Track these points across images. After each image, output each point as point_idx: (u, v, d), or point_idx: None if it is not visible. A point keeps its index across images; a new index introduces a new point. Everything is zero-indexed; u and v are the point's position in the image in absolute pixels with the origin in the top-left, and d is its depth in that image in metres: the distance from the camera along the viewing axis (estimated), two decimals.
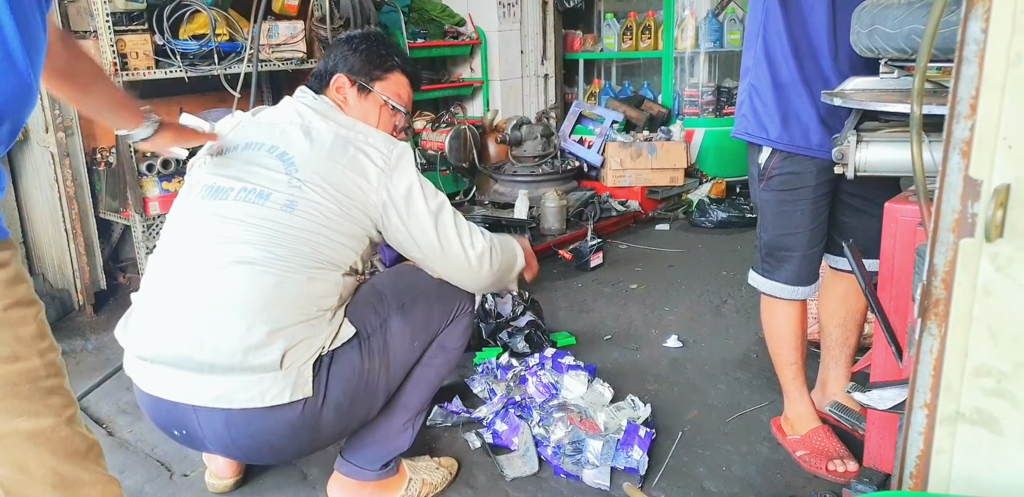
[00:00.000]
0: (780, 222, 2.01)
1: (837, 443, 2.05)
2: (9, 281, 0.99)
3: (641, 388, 2.53)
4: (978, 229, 0.76)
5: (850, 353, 2.20)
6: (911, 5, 1.56)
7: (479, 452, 2.17)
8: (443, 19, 4.82)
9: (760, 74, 1.93)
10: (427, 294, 1.83)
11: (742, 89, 2.02)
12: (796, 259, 2.02)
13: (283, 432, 1.65)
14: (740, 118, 2.02)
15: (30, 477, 1.06)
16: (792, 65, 1.89)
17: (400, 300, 1.79)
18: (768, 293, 2.10)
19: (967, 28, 0.77)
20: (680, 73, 5.31)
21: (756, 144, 2.00)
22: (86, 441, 1.12)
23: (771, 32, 1.89)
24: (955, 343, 0.80)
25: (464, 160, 4.64)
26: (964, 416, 0.81)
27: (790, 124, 1.91)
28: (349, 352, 1.68)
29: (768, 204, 2.02)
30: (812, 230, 2.00)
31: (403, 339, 1.77)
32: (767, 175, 1.99)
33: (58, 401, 1.07)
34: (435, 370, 1.88)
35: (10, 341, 0.99)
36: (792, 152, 1.93)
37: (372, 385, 1.73)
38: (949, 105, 0.79)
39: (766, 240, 2.06)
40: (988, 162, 0.76)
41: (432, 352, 1.86)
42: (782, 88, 1.91)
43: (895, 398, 1.33)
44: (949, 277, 0.80)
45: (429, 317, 1.82)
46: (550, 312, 3.20)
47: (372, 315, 1.75)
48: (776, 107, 1.92)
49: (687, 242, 4.27)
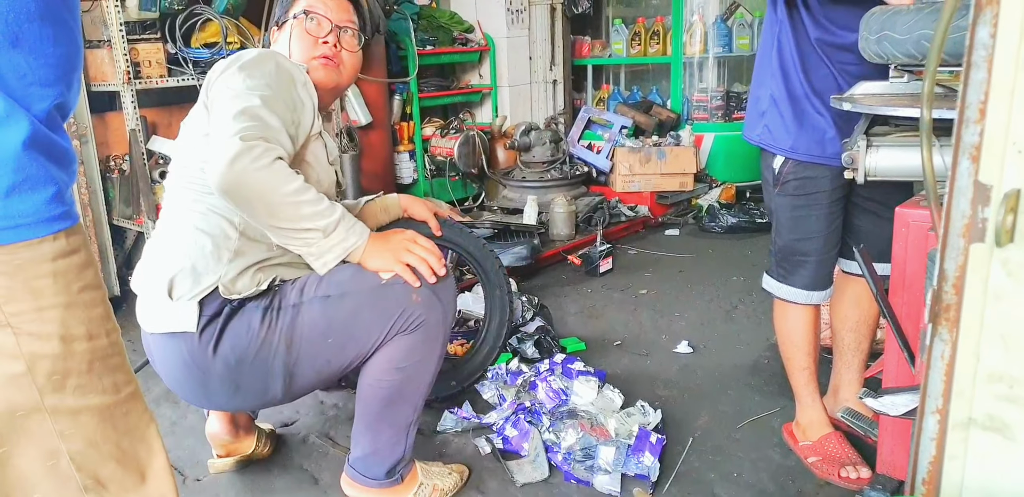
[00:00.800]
0: (795, 227, 2.00)
1: (849, 449, 2.04)
2: (81, 266, 1.05)
3: (651, 394, 2.53)
4: (988, 234, 0.76)
5: (863, 358, 2.19)
6: (920, 11, 1.56)
7: (489, 458, 2.17)
8: (452, 26, 4.84)
9: (777, 85, 1.95)
10: (359, 294, 1.72)
11: (760, 96, 2.02)
12: (811, 264, 2.02)
13: (176, 364, 1.73)
14: (760, 127, 2.02)
15: (99, 452, 1.10)
16: (801, 77, 1.91)
17: (328, 291, 1.73)
18: (783, 298, 2.09)
19: (975, 33, 0.77)
20: (689, 78, 5.32)
21: (771, 152, 2.00)
22: (145, 415, 1.17)
23: (784, 44, 1.92)
24: (967, 349, 0.80)
25: (473, 166, 4.65)
26: (976, 422, 0.81)
27: (805, 135, 1.92)
28: (252, 313, 1.71)
29: (783, 209, 2.02)
30: (827, 235, 1.99)
31: (314, 329, 1.72)
32: (781, 180, 1.99)
33: (122, 378, 1.12)
34: (399, 386, 1.80)
35: (84, 321, 1.05)
36: (807, 161, 1.93)
37: (264, 357, 1.71)
38: (958, 110, 0.79)
39: (781, 245, 2.05)
40: (998, 167, 0.76)
41: (384, 371, 1.78)
42: (796, 100, 1.93)
43: (907, 404, 1.32)
44: (960, 282, 0.80)
45: (354, 319, 1.72)
46: (560, 318, 3.20)
47: (294, 292, 1.74)
48: (793, 117, 1.93)
49: (697, 247, 4.27)
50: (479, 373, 2.55)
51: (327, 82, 1.90)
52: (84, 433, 1.07)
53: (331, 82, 1.91)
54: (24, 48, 0.95)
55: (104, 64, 3.21)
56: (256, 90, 1.67)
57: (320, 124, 1.87)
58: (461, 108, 5.21)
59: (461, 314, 2.99)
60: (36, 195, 0.96)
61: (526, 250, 3.61)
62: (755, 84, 2.06)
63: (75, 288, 1.03)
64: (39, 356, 1.00)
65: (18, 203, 0.95)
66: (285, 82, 1.75)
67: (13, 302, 0.97)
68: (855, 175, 1.69)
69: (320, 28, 1.90)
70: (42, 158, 0.97)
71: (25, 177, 0.95)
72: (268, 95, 1.68)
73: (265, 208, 1.60)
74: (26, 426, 1.03)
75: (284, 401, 1.86)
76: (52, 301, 1.00)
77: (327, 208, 1.66)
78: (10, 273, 0.96)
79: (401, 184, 4.55)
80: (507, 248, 3.58)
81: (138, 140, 3.23)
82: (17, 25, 0.94)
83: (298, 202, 1.61)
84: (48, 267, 0.99)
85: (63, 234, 1.00)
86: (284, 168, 1.61)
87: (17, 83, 0.95)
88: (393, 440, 1.87)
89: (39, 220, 0.97)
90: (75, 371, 1.04)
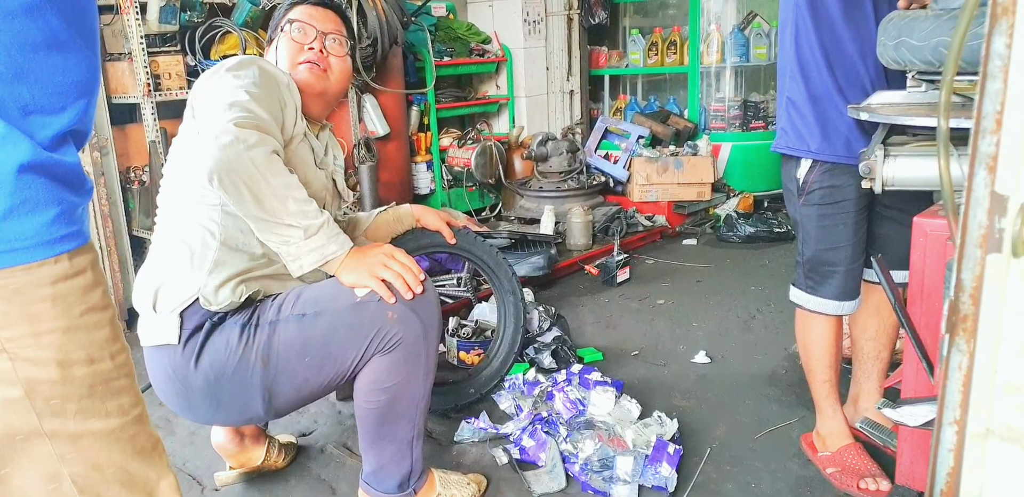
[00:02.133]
0: (823, 237, 1.98)
1: (869, 460, 2.03)
2: (86, 288, 1.03)
3: (668, 404, 2.52)
4: (1005, 244, 0.76)
5: (882, 367, 2.17)
6: (938, 17, 1.55)
7: (506, 468, 2.16)
8: (469, 37, 4.87)
9: (796, 87, 1.93)
10: (335, 313, 1.71)
11: (780, 103, 2.01)
12: (840, 274, 1.99)
13: (163, 377, 1.74)
14: (779, 132, 2.01)
15: (102, 475, 1.09)
16: (826, 75, 1.88)
17: (304, 309, 1.72)
18: (814, 310, 2.05)
19: (991, 43, 0.77)
20: (706, 88, 5.32)
21: (794, 158, 1.98)
22: (151, 438, 1.16)
23: (803, 45, 1.89)
24: (984, 359, 0.80)
25: (490, 176, 4.67)
26: (995, 433, 0.80)
27: (830, 135, 1.90)
28: (231, 329, 1.71)
29: (809, 219, 1.99)
30: (855, 243, 1.97)
31: (290, 348, 1.71)
32: (807, 189, 1.96)
33: (127, 400, 1.11)
34: (390, 405, 1.79)
35: (85, 345, 1.03)
36: (835, 162, 1.90)
37: (242, 374, 1.71)
38: (974, 120, 0.79)
39: (809, 256, 2.03)
40: (1014, 177, 0.75)
41: (370, 392, 1.77)
42: (818, 100, 1.90)
43: (926, 414, 1.31)
44: (977, 292, 0.80)
45: (330, 337, 1.71)
46: (577, 327, 3.20)
47: (272, 309, 1.74)
48: (815, 119, 1.91)
49: (715, 257, 4.25)
50: (496, 381, 2.55)
51: (314, 85, 1.91)
52: (86, 457, 1.06)
53: (318, 86, 1.92)
54: (29, 80, 0.93)
55: (124, 76, 3.26)
56: (243, 87, 1.69)
57: (304, 126, 1.88)
58: (478, 119, 5.24)
59: (478, 324, 2.99)
60: (36, 217, 0.94)
61: (543, 260, 3.61)
62: (778, 92, 2.05)
63: (76, 311, 1.01)
64: (36, 381, 0.99)
65: (15, 226, 0.93)
66: (269, 82, 1.77)
67: (9, 327, 0.96)
68: (872, 184, 1.69)
69: (305, 35, 1.93)
70: (44, 180, 0.95)
71: (23, 200, 0.93)
72: (255, 92, 1.70)
73: (253, 196, 1.59)
74: (26, 449, 1.01)
75: (268, 418, 1.85)
76: (50, 326, 0.98)
77: (313, 211, 1.67)
78: (6, 297, 0.95)
79: (418, 194, 4.57)
80: (524, 258, 3.59)
81: (158, 152, 3.27)
82: (21, 57, 0.92)
83: (286, 196, 1.62)
84: (47, 291, 0.97)
85: (66, 256, 0.98)
86: (279, 161, 1.64)
87: (18, 113, 0.93)
88: (398, 456, 1.87)
89: (38, 243, 0.95)
90: (75, 396, 1.02)
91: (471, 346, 2.83)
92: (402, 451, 1.87)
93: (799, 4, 1.87)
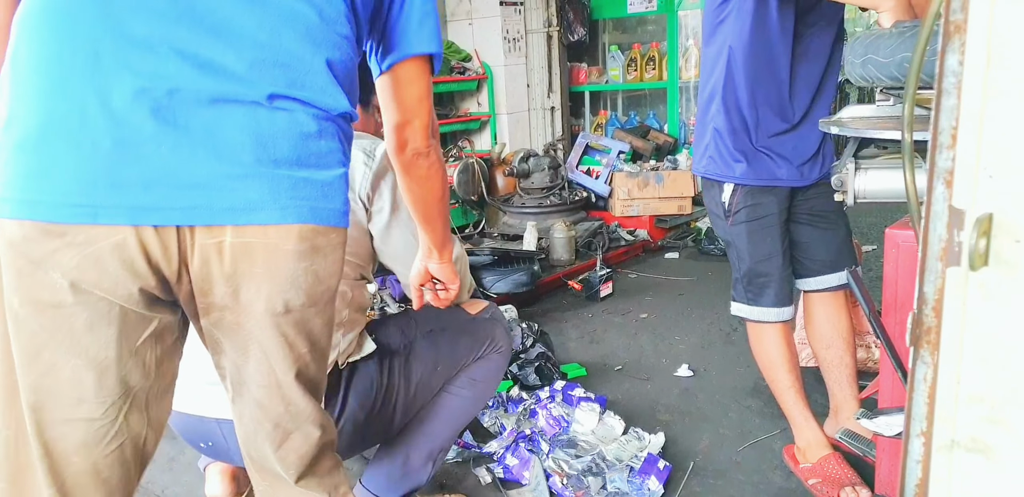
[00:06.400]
0: (754, 250, 2.09)
1: (849, 470, 2.04)
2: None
3: (652, 418, 2.52)
4: (964, 257, 0.77)
5: (849, 373, 2.21)
6: (902, 34, 1.58)
7: (490, 487, 2.16)
8: (449, 55, 4.90)
9: (721, 120, 2.04)
10: (457, 326, 1.89)
11: (705, 132, 2.12)
12: (775, 282, 2.10)
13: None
14: (705, 159, 2.12)
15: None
16: (748, 112, 2.01)
17: (429, 326, 1.86)
18: (757, 319, 2.16)
19: (945, 61, 0.79)
20: (685, 102, 5.36)
21: (717, 182, 2.10)
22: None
23: (731, 84, 2.01)
24: (948, 371, 0.81)
25: (473, 193, 4.68)
26: (960, 444, 0.81)
27: (752, 162, 2.03)
28: (368, 367, 1.73)
29: (739, 237, 2.11)
30: (783, 252, 2.10)
31: (426, 362, 1.81)
32: (733, 210, 2.09)
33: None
34: (462, 402, 1.88)
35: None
36: (755, 185, 2.04)
37: (388, 402, 1.76)
38: (931, 136, 0.81)
39: (745, 270, 2.13)
40: (970, 192, 0.77)
41: (461, 382, 1.87)
42: (738, 133, 2.03)
43: (902, 424, 1.32)
44: (939, 305, 0.81)
45: (455, 346, 1.86)
46: (560, 343, 3.20)
47: (398, 335, 1.82)
48: (737, 148, 2.03)
49: (696, 270, 4.27)
50: None
51: None
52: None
53: None
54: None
55: None
56: None
57: None
58: (460, 136, 5.26)
59: None
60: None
61: (526, 276, 3.61)
62: (699, 119, 2.18)
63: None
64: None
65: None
66: None
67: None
68: (845, 197, 1.71)
69: (376, 113, 1.97)
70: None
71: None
72: None
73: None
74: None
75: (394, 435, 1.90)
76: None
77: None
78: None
79: None
80: (507, 274, 3.59)
81: None
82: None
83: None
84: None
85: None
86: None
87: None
88: (424, 460, 1.87)
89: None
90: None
91: None
92: (431, 456, 1.88)
93: (732, 49, 1.99)
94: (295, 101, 1.10)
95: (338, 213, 1.16)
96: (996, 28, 0.72)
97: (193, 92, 1.04)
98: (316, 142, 1.12)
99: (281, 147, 1.08)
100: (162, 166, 1.03)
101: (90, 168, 1.01)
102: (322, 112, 1.13)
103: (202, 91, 1.04)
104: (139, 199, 1.02)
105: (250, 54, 1.07)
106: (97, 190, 1.01)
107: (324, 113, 1.14)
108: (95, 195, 1.01)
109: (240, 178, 1.06)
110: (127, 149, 1.02)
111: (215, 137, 1.05)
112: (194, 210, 1.05)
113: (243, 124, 1.06)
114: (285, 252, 1.10)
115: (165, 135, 1.02)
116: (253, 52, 1.08)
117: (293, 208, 1.09)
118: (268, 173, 1.07)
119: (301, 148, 1.10)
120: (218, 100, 1.05)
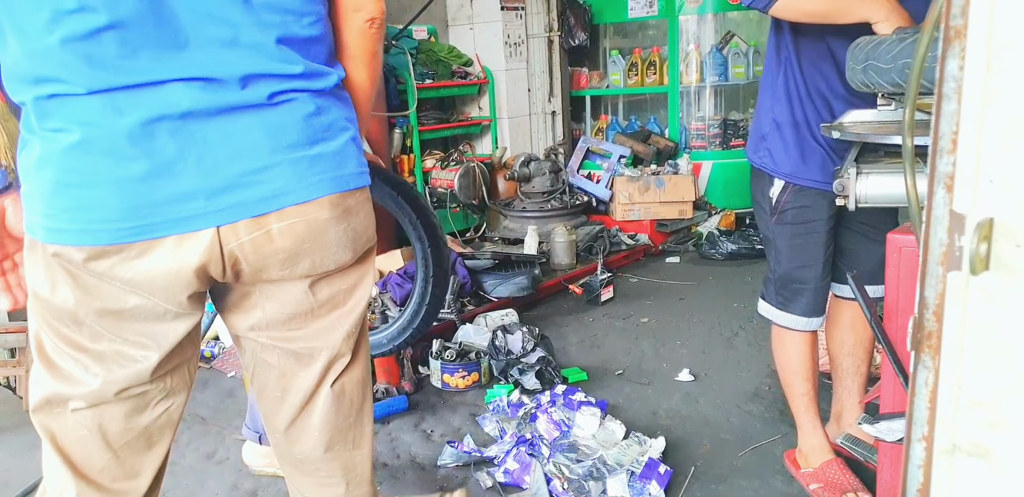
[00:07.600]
0: (794, 255, 2.01)
1: (851, 476, 2.03)
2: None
3: (653, 423, 2.52)
4: (964, 262, 0.77)
5: (861, 382, 2.19)
6: (903, 40, 1.59)
7: (491, 491, 2.16)
8: (450, 60, 4.90)
9: (782, 110, 1.98)
10: None
11: (764, 122, 2.04)
12: (810, 291, 2.03)
13: None
14: (762, 150, 2.03)
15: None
16: (808, 106, 1.94)
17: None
18: (783, 325, 2.09)
19: (945, 66, 0.79)
20: (686, 107, 5.37)
21: (767, 175, 2.01)
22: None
23: (789, 75, 1.95)
24: (948, 375, 0.81)
25: (474, 197, 4.69)
26: (961, 449, 0.81)
27: (807, 159, 1.95)
28: None
29: (781, 238, 2.03)
30: (824, 262, 2.01)
31: None
32: (779, 209, 2.00)
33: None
34: None
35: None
36: (808, 186, 1.95)
37: None
38: (932, 141, 0.81)
39: (781, 273, 2.05)
40: (971, 196, 0.77)
41: None
42: (799, 126, 1.95)
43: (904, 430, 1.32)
44: (940, 310, 0.81)
45: None
46: (561, 348, 3.20)
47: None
48: (795, 143, 1.96)
49: (697, 274, 4.27)
50: (408, 333, 2.44)
51: None
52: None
53: None
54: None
55: None
56: None
57: None
58: (461, 140, 5.26)
59: (462, 346, 2.99)
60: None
61: (527, 280, 3.61)
62: (759, 108, 2.09)
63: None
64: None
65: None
66: None
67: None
68: (846, 202, 1.71)
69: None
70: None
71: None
72: None
73: None
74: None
75: None
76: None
77: None
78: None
79: None
80: (508, 278, 3.59)
81: None
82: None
83: None
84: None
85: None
86: None
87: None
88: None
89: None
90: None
91: (455, 369, 2.83)
92: None
93: (786, 33, 1.92)
94: (290, 92, 1.20)
95: (355, 175, 1.28)
96: (996, 33, 0.72)
97: (202, 110, 1.14)
98: (318, 119, 1.23)
99: (290, 133, 1.19)
100: (194, 178, 1.14)
101: (132, 195, 1.12)
102: (315, 93, 1.24)
103: (210, 107, 1.14)
104: (179, 211, 1.14)
105: (234, 59, 1.16)
106: (140, 213, 1.12)
107: (318, 92, 1.24)
108: (140, 217, 1.12)
109: (265, 170, 1.17)
110: (159, 171, 1.12)
111: (232, 141, 1.16)
112: (233, 208, 1.16)
113: (252, 124, 1.17)
114: (325, 222, 1.24)
115: (188, 151, 1.13)
116: (234, 56, 1.16)
117: (316, 183, 1.22)
118: (287, 158, 1.19)
119: (307, 129, 1.21)
120: (223, 110, 1.15)
